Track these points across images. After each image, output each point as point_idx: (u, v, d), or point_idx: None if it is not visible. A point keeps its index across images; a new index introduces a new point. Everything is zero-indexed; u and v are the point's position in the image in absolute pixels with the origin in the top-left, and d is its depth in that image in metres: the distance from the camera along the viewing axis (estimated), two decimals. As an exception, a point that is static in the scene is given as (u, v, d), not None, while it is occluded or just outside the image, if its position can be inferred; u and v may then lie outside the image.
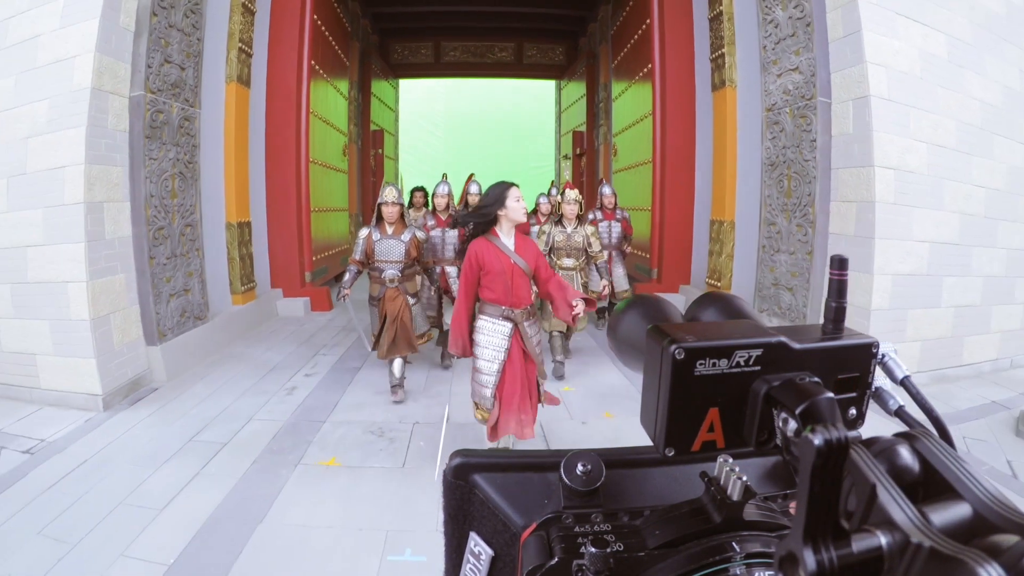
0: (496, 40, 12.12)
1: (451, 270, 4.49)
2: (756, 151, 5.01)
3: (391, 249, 3.74)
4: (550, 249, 4.17)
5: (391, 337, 3.72)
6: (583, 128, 11.17)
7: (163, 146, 4.11)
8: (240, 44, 5.18)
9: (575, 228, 4.19)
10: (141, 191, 3.86)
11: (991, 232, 4.51)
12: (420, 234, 3.84)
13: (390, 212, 3.73)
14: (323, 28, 6.83)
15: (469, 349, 2.72)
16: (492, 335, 2.66)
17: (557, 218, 4.21)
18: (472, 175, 4.58)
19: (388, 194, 3.76)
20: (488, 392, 2.65)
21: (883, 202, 3.83)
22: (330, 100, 7.51)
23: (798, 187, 4.43)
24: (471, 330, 2.73)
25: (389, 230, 3.73)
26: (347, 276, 3.86)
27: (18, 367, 3.81)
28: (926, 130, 4.06)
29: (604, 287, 4.33)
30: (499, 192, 2.61)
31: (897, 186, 3.92)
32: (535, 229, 4.67)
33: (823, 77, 4.14)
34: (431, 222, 4.56)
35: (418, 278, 4.04)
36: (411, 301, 3.84)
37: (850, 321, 0.36)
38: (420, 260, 3.94)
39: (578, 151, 11.27)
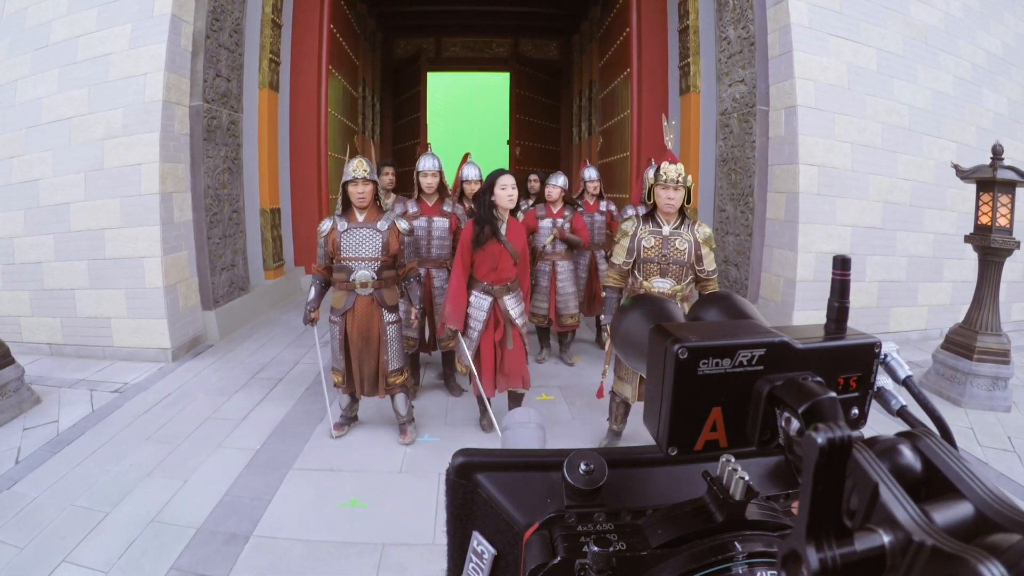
0: (494, 36, 12.56)
1: (439, 274, 3.62)
2: (712, 148, 5.82)
3: (363, 241, 2.85)
4: (635, 260, 2.73)
5: (358, 368, 2.98)
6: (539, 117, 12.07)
7: (216, 146, 4.94)
8: (271, 55, 5.94)
9: (676, 227, 2.69)
10: (200, 184, 4.69)
11: (916, 219, 5.26)
12: (403, 224, 2.94)
13: (360, 194, 2.82)
14: (337, 34, 7.58)
15: (462, 323, 2.96)
16: (476, 308, 2.95)
17: (648, 210, 2.77)
18: (468, 155, 4.02)
19: (356, 168, 2.81)
20: (469, 356, 2.97)
21: (807, 193, 4.65)
22: (342, 97, 8.21)
23: (742, 180, 5.25)
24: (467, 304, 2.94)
25: (360, 217, 2.87)
26: (311, 293, 3.02)
27: (92, 329, 4.54)
28: (852, 132, 4.85)
29: None
30: (490, 180, 2.82)
31: (821, 179, 4.72)
32: (623, 225, 2.90)
33: (762, 89, 4.92)
34: (412, 208, 3.57)
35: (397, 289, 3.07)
36: (389, 319, 2.94)
37: (779, 290, 0.60)
38: (402, 261, 3.00)
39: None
